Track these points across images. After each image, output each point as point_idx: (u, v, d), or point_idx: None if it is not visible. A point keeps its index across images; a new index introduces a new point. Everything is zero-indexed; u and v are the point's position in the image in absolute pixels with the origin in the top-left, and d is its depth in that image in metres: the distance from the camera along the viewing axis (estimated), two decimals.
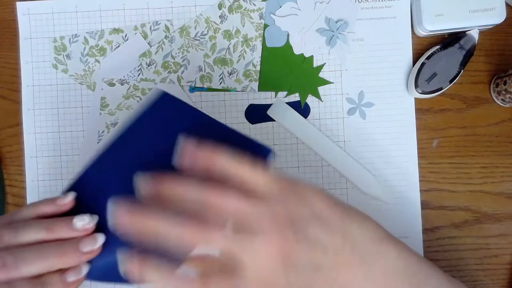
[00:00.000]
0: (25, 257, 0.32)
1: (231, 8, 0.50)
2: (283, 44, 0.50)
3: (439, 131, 0.50)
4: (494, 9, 0.46)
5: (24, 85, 0.50)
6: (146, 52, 0.50)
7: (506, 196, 0.49)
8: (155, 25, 0.50)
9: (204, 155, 0.32)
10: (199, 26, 0.50)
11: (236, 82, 0.50)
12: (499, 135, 0.50)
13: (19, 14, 0.51)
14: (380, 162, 0.49)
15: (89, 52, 0.50)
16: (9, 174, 0.50)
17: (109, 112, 0.50)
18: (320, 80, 0.50)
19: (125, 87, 0.50)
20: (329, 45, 0.50)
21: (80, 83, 0.50)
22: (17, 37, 0.51)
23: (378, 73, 0.50)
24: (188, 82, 0.50)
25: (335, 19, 0.50)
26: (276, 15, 0.50)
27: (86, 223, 0.34)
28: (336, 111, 0.50)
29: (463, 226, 0.49)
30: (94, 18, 0.51)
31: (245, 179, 0.32)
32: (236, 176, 0.32)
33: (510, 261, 0.49)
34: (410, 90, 0.49)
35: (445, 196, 0.50)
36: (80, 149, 0.50)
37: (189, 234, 0.31)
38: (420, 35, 0.50)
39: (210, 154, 0.32)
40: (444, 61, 0.48)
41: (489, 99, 0.50)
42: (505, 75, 0.47)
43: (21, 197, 0.50)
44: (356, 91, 0.50)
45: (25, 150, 0.50)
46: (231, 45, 0.50)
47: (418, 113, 0.50)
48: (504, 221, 0.49)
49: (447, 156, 0.50)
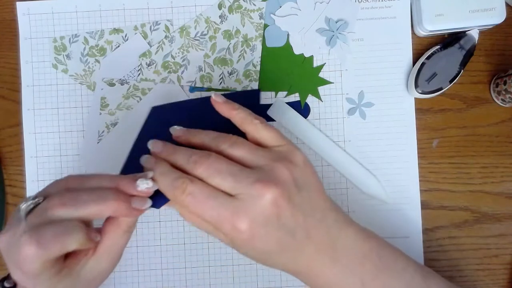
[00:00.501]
0: (84, 199, 0.33)
1: (231, 8, 0.50)
2: (283, 44, 0.50)
3: (439, 131, 0.50)
4: (494, 9, 0.46)
5: (24, 85, 0.50)
6: (146, 52, 0.50)
7: (506, 196, 0.49)
8: (155, 25, 0.50)
9: (227, 107, 0.38)
10: (199, 26, 0.50)
11: (236, 82, 0.50)
12: (499, 135, 0.50)
13: (19, 14, 0.51)
14: (380, 162, 0.49)
15: (89, 52, 0.50)
16: (9, 174, 0.50)
17: (109, 112, 0.50)
18: (320, 80, 0.50)
19: (125, 87, 0.50)
20: (329, 45, 0.50)
21: (80, 83, 0.50)
22: (17, 37, 0.51)
23: (378, 73, 0.50)
24: (188, 82, 0.50)
25: (335, 19, 0.50)
26: (276, 15, 0.50)
27: (149, 187, 0.34)
28: (336, 111, 0.50)
29: (463, 226, 0.49)
30: (94, 18, 0.50)
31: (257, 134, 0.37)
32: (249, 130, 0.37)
33: (510, 261, 0.49)
34: (410, 90, 0.49)
35: (445, 196, 0.50)
36: (80, 149, 0.50)
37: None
38: (420, 35, 0.50)
39: (232, 108, 0.38)
40: (444, 61, 0.48)
41: (489, 99, 0.50)
42: (505, 75, 0.47)
43: (21, 197, 0.50)
44: (356, 91, 0.50)
45: (25, 150, 0.50)
46: (231, 45, 0.50)
47: (418, 113, 0.50)
48: (504, 221, 0.49)
49: (447, 156, 0.50)
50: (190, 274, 0.49)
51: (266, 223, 0.34)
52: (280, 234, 0.34)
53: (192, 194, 0.33)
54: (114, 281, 0.49)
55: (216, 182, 0.34)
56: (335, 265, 0.36)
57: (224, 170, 0.34)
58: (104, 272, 0.36)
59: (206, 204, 0.33)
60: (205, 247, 0.49)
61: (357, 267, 0.37)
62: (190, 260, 0.49)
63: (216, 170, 0.34)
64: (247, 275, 0.49)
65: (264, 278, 0.49)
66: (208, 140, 0.36)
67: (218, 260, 0.49)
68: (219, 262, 0.49)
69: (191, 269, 0.49)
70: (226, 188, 0.34)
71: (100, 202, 0.33)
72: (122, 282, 0.49)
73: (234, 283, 0.49)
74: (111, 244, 0.35)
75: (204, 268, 0.49)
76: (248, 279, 0.49)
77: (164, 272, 0.49)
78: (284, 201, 0.34)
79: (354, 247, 0.37)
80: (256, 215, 0.33)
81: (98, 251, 0.35)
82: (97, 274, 0.35)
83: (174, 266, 0.49)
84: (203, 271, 0.49)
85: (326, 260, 0.36)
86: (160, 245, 0.50)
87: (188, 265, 0.49)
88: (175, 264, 0.49)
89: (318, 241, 0.36)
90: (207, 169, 0.34)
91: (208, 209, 0.33)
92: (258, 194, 0.33)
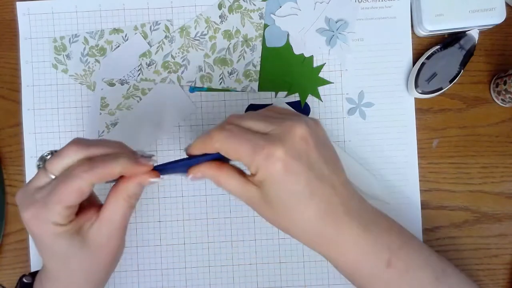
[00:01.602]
0: (98, 164, 0.34)
1: (231, 8, 0.50)
2: (283, 44, 0.50)
3: (439, 131, 0.50)
4: (494, 9, 0.46)
5: (24, 85, 0.50)
6: (146, 52, 0.50)
7: (506, 196, 0.49)
8: (155, 25, 0.50)
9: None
10: (199, 26, 0.50)
11: (236, 82, 0.50)
12: (499, 135, 0.50)
13: (19, 14, 0.51)
14: (380, 162, 0.49)
15: (89, 52, 0.50)
16: (9, 174, 0.50)
17: (109, 112, 0.50)
18: (320, 80, 0.50)
19: (125, 87, 0.50)
20: (329, 45, 0.50)
21: (80, 83, 0.50)
22: (17, 37, 0.51)
23: (378, 73, 0.50)
24: (188, 82, 0.50)
25: (335, 19, 0.50)
26: (276, 15, 0.50)
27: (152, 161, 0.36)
28: (336, 111, 0.50)
29: (463, 226, 0.49)
30: (94, 18, 0.50)
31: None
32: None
33: (510, 261, 0.49)
34: (410, 90, 0.49)
35: (445, 196, 0.50)
36: None
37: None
38: (420, 35, 0.50)
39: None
40: (444, 61, 0.48)
41: (489, 99, 0.50)
42: (505, 75, 0.47)
43: None
44: (356, 91, 0.50)
45: (25, 150, 0.50)
46: (231, 45, 0.50)
47: (418, 113, 0.50)
48: (504, 221, 0.49)
49: (447, 156, 0.50)
50: (190, 274, 0.49)
51: (299, 156, 0.35)
52: (310, 175, 0.35)
53: (229, 130, 0.36)
54: (114, 281, 0.49)
55: (249, 124, 0.36)
56: (364, 230, 0.37)
57: (255, 117, 0.37)
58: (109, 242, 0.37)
59: (242, 136, 0.35)
60: (205, 247, 0.49)
61: (385, 235, 0.38)
62: (190, 260, 0.49)
63: (248, 116, 0.37)
64: (247, 275, 0.49)
65: (264, 278, 0.49)
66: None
67: (218, 260, 0.49)
68: (219, 262, 0.49)
69: (191, 269, 0.49)
70: (259, 128, 0.36)
71: (113, 157, 0.35)
72: (122, 282, 0.49)
73: (234, 283, 0.49)
74: (112, 211, 0.36)
75: (204, 268, 0.49)
76: (248, 279, 0.49)
77: (164, 272, 0.49)
78: (312, 140, 0.36)
79: (379, 217, 0.39)
80: (289, 146, 0.35)
81: (100, 216, 0.36)
82: (104, 241, 0.36)
83: (174, 266, 0.49)
84: (203, 271, 0.49)
85: (355, 225, 0.37)
86: (160, 245, 0.50)
87: (188, 265, 0.49)
88: (175, 264, 0.49)
89: (344, 201, 0.37)
90: (240, 117, 0.37)
91: (244, 140, 0.35)
92: (289, 130, 0.35)
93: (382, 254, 0.37)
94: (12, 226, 0.50)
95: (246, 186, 0.37)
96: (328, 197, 0.36)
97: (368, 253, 0.37)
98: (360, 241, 0.37)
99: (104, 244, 0.36)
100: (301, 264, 0.49)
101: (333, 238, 0.37)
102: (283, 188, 0.35)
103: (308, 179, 0.35)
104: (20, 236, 0.50)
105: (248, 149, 0.35)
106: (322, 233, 0.37)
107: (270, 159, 0.34)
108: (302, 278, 0.49)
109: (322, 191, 0.36)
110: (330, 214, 0.36)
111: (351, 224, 0.36)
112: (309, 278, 0.49)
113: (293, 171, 0.34)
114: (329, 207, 0.36)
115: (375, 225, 0.38)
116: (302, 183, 0.35)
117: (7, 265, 0.50)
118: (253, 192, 0.36)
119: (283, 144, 0.34)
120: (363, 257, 0.37)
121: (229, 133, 0.35)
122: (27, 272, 0.43)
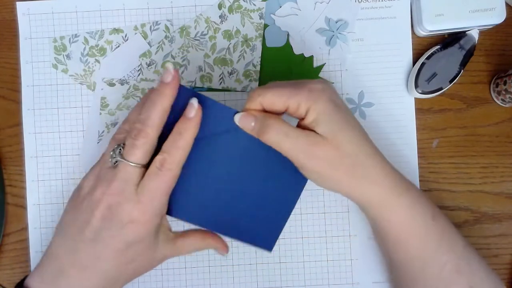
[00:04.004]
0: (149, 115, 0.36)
1: (231, 8, 0.50)
2: (283, 44, 0.50)
3: (439, 131, 0.50)
4: (494, 9, 0.46)
5: (24, 85, 0.50)
6: (146, 52, 0.50)
7: (506, 196, 0.49)
8: (155, 25, 0.50)
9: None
10: (199, 26, 0.50)
11: (236, 82, 0.50)
12: (499, 135, 0.50)
13: (19, 14, 0.51)
14: None
15: (89, 52, 0.50)
16: (9, 174, 0.50)
17: (109, 112, 0.50)
18: None
19: (125, 87, 0.50)
20: (329, 45, 0.50)
21: (80, 83, 0.50)
22: (17, 37, 0.51)
23: (378, 73, 0.50)
24: (188, 82, 0.50)
25: (335, 19, 0.50)
26: (276, 15, 0.50)
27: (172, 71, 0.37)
28: None
29: (463, 226, 0.49)
30: (94, 18, 0.51)
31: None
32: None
33: (510, 261, 0.49)
34: (410, 90, 0.49)
35: (445, 196, 0.50)
36: (80, 149, 0.50)
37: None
38: (420, 35, 0.50)
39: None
40: (444, 61, 0.48)
41: (489, 99, 0.50)
42: (505, 75, 0.47)
43: (21, 197, 0.50)
44: (356, 91, 0.50)
45: (25, 150, 0.50)
46: (231, 45, 0.50)
47: (418, 113, 0.50)
48: (504, 221, 0.49)
49: (447, 156, 0.50)
50: (190, 274, 0.49)
51: (335, 93, 0.39)
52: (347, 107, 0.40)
53: (266, 85, 0.38)
54: None
55: (278, 84, 0.39)
56: (407, 194, 0.39)
57: (278, 82, 0.39)
58: (158, 189, 0.37)
59: (280, 83, 0.38)
60: None
61: (424, 201, 0.40)
62: (190, 260, 0.49)
63: (273, 82, 0.39)
64: (247, 275, 0.49)
65: (264, 278, 0.49)
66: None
67: (218, 260, 0.49)
68: (219, 262, 0.49)
69: (191, 269, 0.49)
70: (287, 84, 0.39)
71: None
72: None
73: (234, 283, 0.49)
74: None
75: (204, 268, 0.49)
76: (248, 279, 0.49)
77: (164, 272, 0.49)
78: (339, 100, 0.39)
79: (413, 186, 0.41)
80: (324, 83, 0.38)
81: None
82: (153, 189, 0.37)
83: (174, 266, 0.49)
84: (203, 271, 0.49)
85: (397, 188, 0.39)
86: None
87: (188, 265, 0.49)
88: (175, 264, 0.49)
89: (382, 166, 0.39)
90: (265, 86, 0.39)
91: (284, 84, 0.38)
92: (313, 81, 0.39)
93: (425, 216, 0.40)
94: (12, 226, 0.50)
95: (302, 132, 0.38)
96: (368, 157, 0.39)
97: (410, 214, 0.39)
98: (403, 200, 0.39)
99: (157, 196, 0.38)
100: (301, 264, 0.49)
101: (380, 199, 0.39)
102: (335, 118, 0.37)
103: (347, 109, 0.39)
104: (20, 236, 0.50)
105: (291, 89, 0.37)
106: (367, 190, 0.39)
107: (314, 92, 0.37)
108: (302, 278, 0.49)
109: (359, 125, 0.40)
110: (372, 177, 0.39)
111: (391, 184, 0.39)
112: (309, 278, 0.49)
113: (337, 102, 0.38)
114: (371, 171, 0.39)
115: (413, 189, 0.40)
116: (346, 111, 0.39)
117: (7, 265, 0.50)
118: (312, 136, 0.37)
119: (318, 81, 0.38)
120: (412, 211, 0.39)
121: (267, 86, 0.38)
122: (27, 273, 0.43)
